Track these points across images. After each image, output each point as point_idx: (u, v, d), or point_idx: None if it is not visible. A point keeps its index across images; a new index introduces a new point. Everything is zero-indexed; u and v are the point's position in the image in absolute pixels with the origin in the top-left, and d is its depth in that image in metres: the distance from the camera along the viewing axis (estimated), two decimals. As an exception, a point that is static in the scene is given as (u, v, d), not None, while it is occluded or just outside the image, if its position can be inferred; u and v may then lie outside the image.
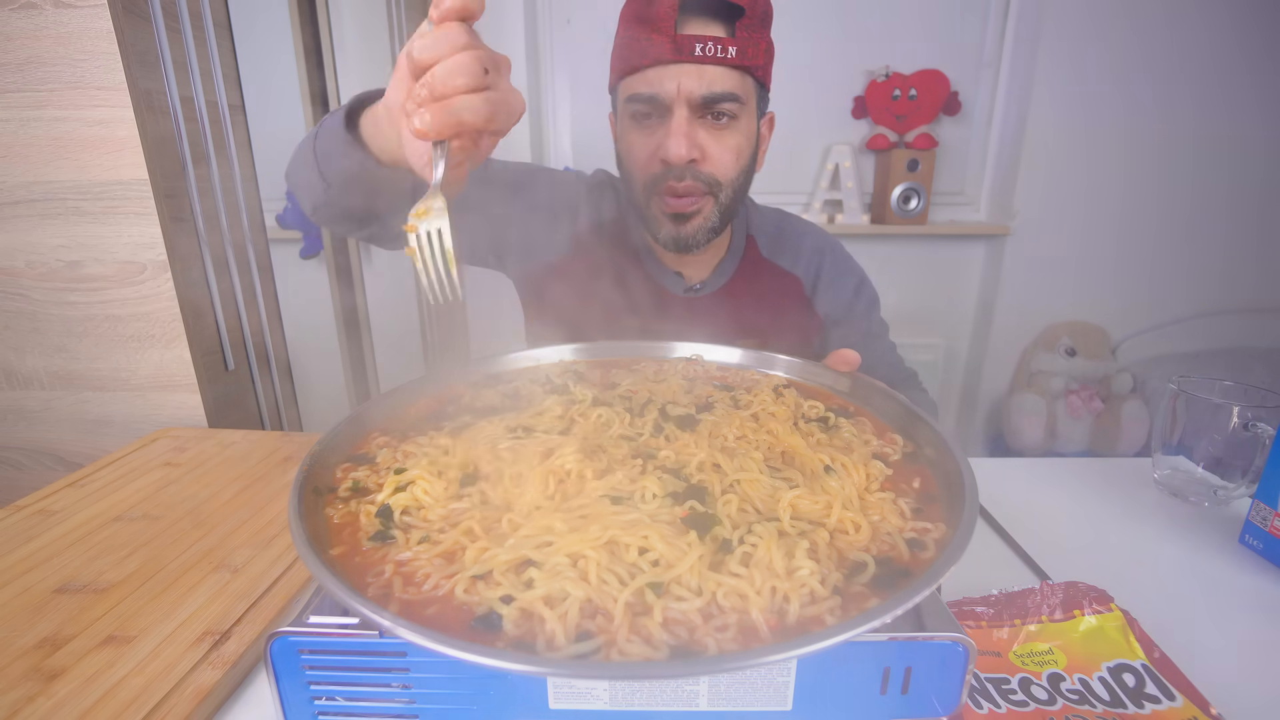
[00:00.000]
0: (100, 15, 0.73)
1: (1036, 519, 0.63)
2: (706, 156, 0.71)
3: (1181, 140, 1.85)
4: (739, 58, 0.66)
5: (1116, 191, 1.90)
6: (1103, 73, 1.80)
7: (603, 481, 0.42)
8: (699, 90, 0.67)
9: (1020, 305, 2.00)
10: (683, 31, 0.66)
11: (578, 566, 0.34)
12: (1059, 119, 1.84)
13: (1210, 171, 1.87)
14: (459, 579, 0.34)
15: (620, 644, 0.31)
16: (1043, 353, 2.01)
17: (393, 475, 0.43)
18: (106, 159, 0.77)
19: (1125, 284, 1.97)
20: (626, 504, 0.40)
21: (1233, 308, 1.97)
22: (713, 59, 0.66)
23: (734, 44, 0.66)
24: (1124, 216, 1.92)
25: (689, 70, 0.67)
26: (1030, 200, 1.91)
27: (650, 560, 0.35)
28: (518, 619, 0.32)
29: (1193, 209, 1.90)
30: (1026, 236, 1.94)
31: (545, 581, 0.33)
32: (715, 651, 0.30)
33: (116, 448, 0.77)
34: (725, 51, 0.66)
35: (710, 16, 0.67)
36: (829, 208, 1.98)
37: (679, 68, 0.67)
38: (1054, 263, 1.95)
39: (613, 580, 0.34)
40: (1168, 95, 1.81)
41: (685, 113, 0.68)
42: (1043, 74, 1.81)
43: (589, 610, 0.32)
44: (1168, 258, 1.95)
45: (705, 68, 0.67)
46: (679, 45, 0.65)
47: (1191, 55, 1.78)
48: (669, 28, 0.65)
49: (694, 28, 0.66)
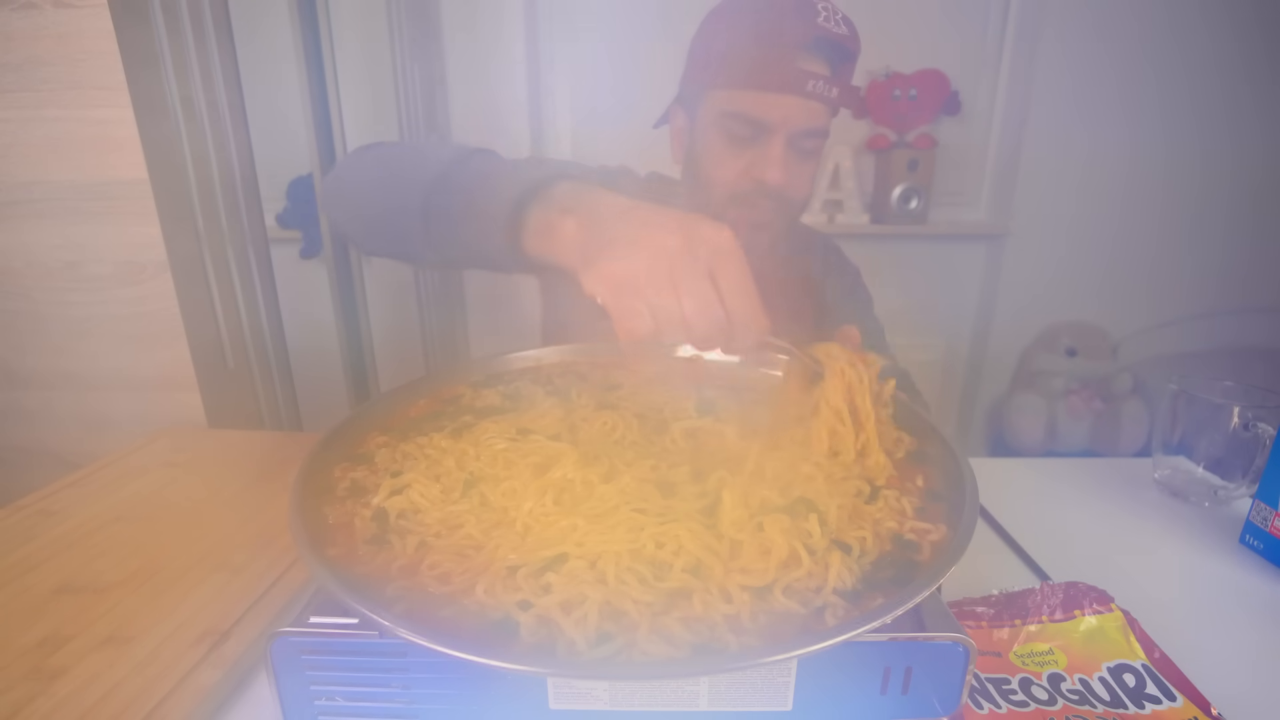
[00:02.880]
0: (100, 15, 0.73)
1: (1036, 519, 0.63)
2: (789, 182, 0.74)
3: (1181, 140, 1.85)
4: (839, 98, 0.70)
5: (1116, 191, 1.90)
6: (1103, 73, 1.80)
7: (612, 485, 0.42)
8: (802, 124, 0.70)
9: (1020, 305, 2.00)
10: (799, 65, 0.68)
11: (596, 567, 0.34)
12: (1059, 119, 1.84)
13: (1210, 171, 1.86)
14: (483, 581, 0.34)
15: (641, 644, 0.31)
16: (1043, 353, 2.01)
17: (389, 478, 0.43)
18: (106, 159, 0.77)
19: (1125, 284, 1.97)
20: (646, 504, 0.40)
21: (1233, 308, 1.97)
22: (818, 96, 0.69)
23: (837, 85, 0.69)
24: (1124, 216, 1.92)
25: (797, 103, 0.69)
26: (1030, 200, 1.91)
27: (672, 552, 0.35)
28: (535, 626, 0.32)
29: (1193, 209, 1.90)
30: (1027, 236, 1.94)
31: (563, 586, 0.33)
32: (737, 649, 0.30)
33: (116, 448, 0.77)
34: (830, 91, 0.69)
35: (818, 55, 0.69)
36: (829, 207, 1.98)
37: (789, 99, 0.69)
38: (1054, 262, 1.95)
39: (632, 580, 0.34)
40: (1168, 95, 1.81)
41: (783, 140, 0.71)
42: (1043, 74, 1.81)
43: (609, 612, 0.32)
44: (1168, 258, 1.95)
45: (810, 103, 0.69)
46: (797, 79, 0.68)
47: (1191, 56, 1.78)
48: (789, 60, 0.68)
49: (807, 64, 0.69)
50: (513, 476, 0.43)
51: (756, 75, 0.70)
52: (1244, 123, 1.82)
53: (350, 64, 1.39)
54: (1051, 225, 1.92)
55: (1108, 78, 1.81)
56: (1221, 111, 1.82)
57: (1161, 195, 1.89)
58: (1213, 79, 1.79)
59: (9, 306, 0.84)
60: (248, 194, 0.95)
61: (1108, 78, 1.81)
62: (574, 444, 0.47)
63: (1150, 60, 1.79)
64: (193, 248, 0.85)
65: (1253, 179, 1.86)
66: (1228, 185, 1.87)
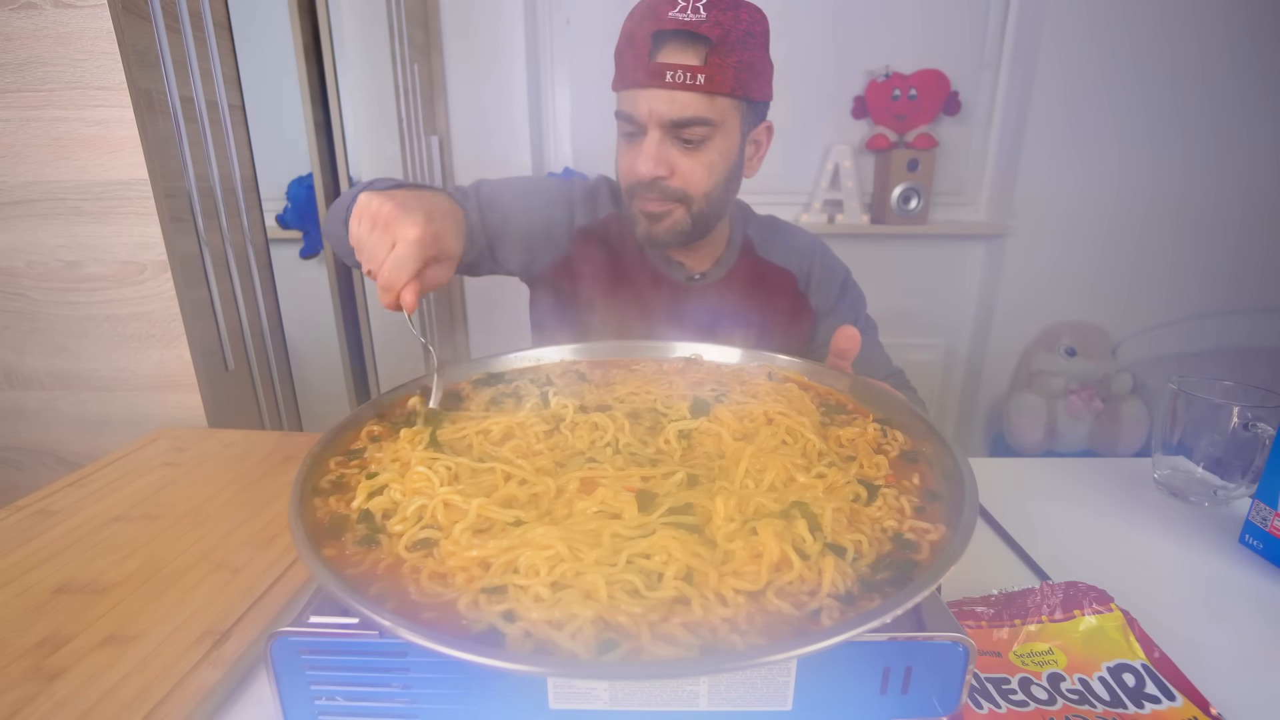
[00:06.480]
0: (100, 15, 0.73)
1: (1036, 519, 0.63)
2: (676, 172, 0.76)
3: (1181, 140, 1.85)
4: (708, 84, 0.71)
5: (1116, 191, 1.90)
6: (1103, 73, 1.80)
7: (593, 498, 0.41)
8: (669, 114, 0.72)
9: (1020, 305, 2.00)
10: (658, 59, 0.71)
11: (584, 580, 0.33)
12: (1059, 119, 1.84)
13: (1210, 171, 1.87)
14: (468, 590, 0.34)
15: (646, 647, 0.30)
16: (1043, 353, 2.01)
17: (365, 480, 0.43)
18: (106, 159, 0.77)
19: (1125, 284, 1.97)
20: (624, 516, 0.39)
21: (1233, 308, 1.97)
22: (682, 85, 0.71)
23: (704, 71, 0.70)
24: (1124, 216, 1.92)
25: (660, 95, 0.72)
26: (1030, 200, 1.91)
27: (661, 563, 0.35)
28: (523, 640, 0.31)
29: (1193, 209, 1.90)
30: (1026, 236, 1.94)
31: (549, 608, 0.32)
32: (743, 648, 0.30)
33: (116, 448, 0.77)
34: (694, 79, 0.70)
35: (686, 45, 0.71)
36: (829, 208, 1.98)
37: (651, 92, 0.72)
38: (1054, 262, 1.95)
39: (623, 596, 0.33)
40: (1167, 95, 1.81)
41: (658, 134, 0.74)
42: (1043, 74, 1.81)
43: (603, 626, 0.31)
44: (1168, 258, 1.95)
45: (675, 93, 0.71)
46: (652, 72, 0.71)
47: (1191, 56, 1.78)
48: (645, 55, 0.71)
49: (669, 55, 0.71)
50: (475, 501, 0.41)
51: (625, 73, 0.74)
52: (1244, 123, 1.82)
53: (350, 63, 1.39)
54: (1051, 225, 1.92)
55: (1107, 79, 1.81)
56: (1221, 112, 1.82)
57: (1162, 195, 1.89)
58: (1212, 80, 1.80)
59: (9, 306, 0.84)
60: (248, 194, 0.95)
61: (1107, 79, 1.81)
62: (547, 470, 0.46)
63: (1150, 61, 1.79)
64: (193, 248, 0.86)
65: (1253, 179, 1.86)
66: (1228, 185, 1.87)
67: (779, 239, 0.93)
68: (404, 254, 0.53)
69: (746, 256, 0.90)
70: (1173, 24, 1.76)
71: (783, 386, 0.60)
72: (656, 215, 0.79)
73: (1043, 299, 1.98)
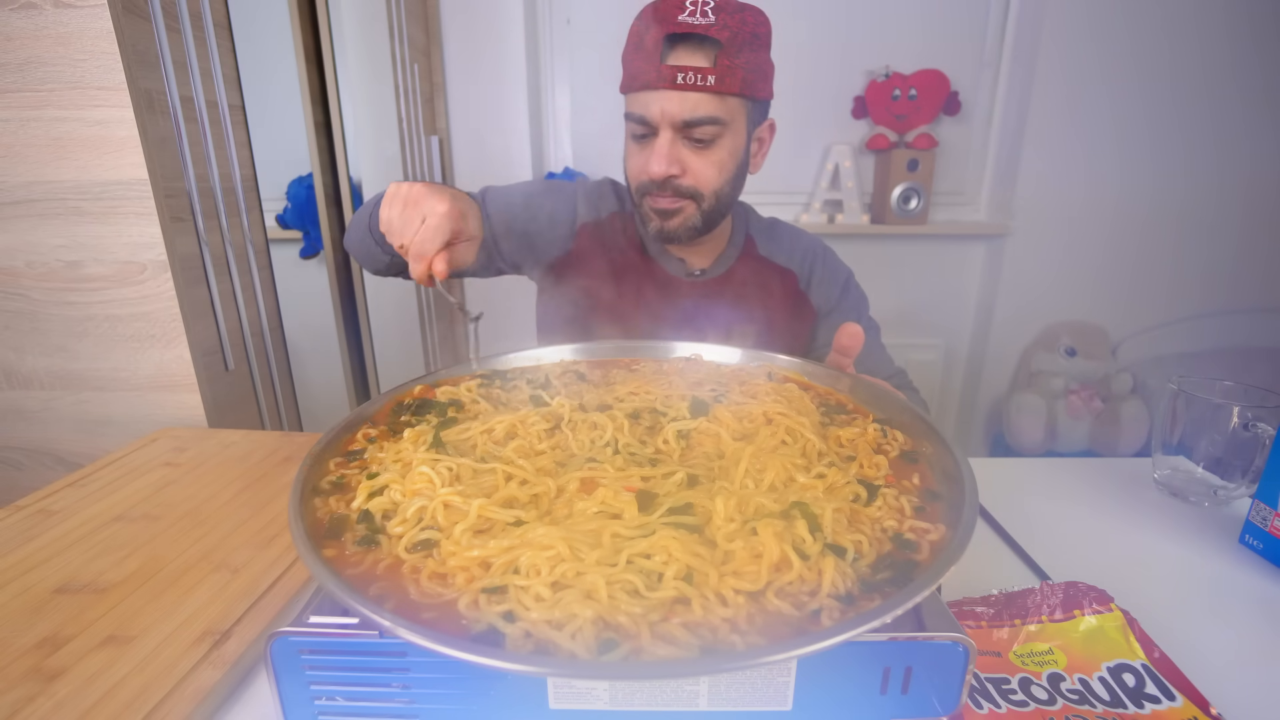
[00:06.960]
0: (100, 15, 0.73)
1: (1036, 519, 0.63)
2: (688, 171, 0.79)
3: (1181, 140, 1.85)
4: (718, 85, 0.73)
5: (1116, 191, 1.90)
6: (1102, 73, 1.80)
7: (593, 498, 0.41)
8: (681, 114, 0.75)
9: (1020, 305, 2.00)
10: (668, 62, 0.74)
11: (585, 581, 0.33)
12: (1059, 119, 1.84)
13: (1210, 171, 1.87)
14: (468, 591, 0.34)
15: (646, 647, 0.30)
16: (1043, 353, 2.01)
17: (365, 480, 0.43)
18: (106, 159, 0.77)
19: (1125, 284, 1.97)
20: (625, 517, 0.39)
21: (1233, 308, 1.97)
22: (692, 86, 0.73)
23: (713, 73, 0.73)
24: (1124, 216, 1.92)
25: (672, 96, 0.74)
26: (1030, 200, 1.91)
27: (661, 563, 0.35)
28: (523, 640, 0.31)
29: (1193, 209, 1.90)
30: (1026, 236, 1.94)
31: (549, 608, 0.32)
32: (743, 648, 0.30)
33: (116, 448, 0.77)
34: (704, 80, 0.73)
35: (695, 47, 0.73)
36: (829, 207, 1.98)
37: (663, 94, 0.74)
38: (1054, 262, 1.95)
39: (623, 596, 0.33)
40: (1167, 95, 1.81)
41: (670, 134, 0.76)
42: (1043, 74, 1.81)
43: (602, 626, 0.31)
44: (1168, 258, 1.95)
45: (687, 94, 0.74)
46: (663, 74, 0.73)
47: (1191, 56, 1.78)
48: (656, 58, 0.73)
49: (679, 58, 0.74)
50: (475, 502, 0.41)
51: (637, 76, 0.76)
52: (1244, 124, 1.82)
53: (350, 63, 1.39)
54: (1051, 225, 1.93)
55: (1107, 79, 1.81)
56: (1221, 113, 1.82)
57: (1162, 195, 1.89)
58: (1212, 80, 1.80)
59: (9, 306, 0.84)
60: (248, 194, 0.95)
61: (1107, 79, 1.81)
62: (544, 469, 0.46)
63: (1150, 61, 1.79)
64: (193, 248, 0.86)
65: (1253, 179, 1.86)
66: (1228, 185, 1.87)
67: (781, 239, 0.95)
68: (435, 225, 0.58)
69: (747, 254, 0.92)
70: (1173, 24, 1.76)
71: (782, 386, 0.60)
72: (669, 212, 0.81)
73: (1043, 299, 1.99)
